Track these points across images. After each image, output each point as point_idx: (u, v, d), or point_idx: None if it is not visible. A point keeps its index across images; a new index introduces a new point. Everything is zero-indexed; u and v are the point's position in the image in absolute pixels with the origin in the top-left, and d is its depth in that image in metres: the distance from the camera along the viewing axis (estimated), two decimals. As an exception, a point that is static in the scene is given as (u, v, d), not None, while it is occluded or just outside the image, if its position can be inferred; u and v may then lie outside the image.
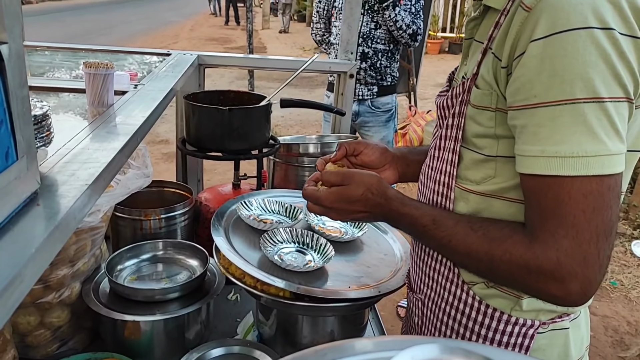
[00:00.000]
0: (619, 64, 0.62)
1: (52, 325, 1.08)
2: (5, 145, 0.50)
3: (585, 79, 0.62)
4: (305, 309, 1.03)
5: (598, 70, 0.61)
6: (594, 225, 0.64)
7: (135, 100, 1.09)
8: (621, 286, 3.24)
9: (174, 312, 1.10)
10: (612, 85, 0.62)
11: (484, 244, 0.73)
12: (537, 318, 0.81)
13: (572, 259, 0.65)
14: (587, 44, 0.61)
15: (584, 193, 0.63)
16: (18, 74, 0.52)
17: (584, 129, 0.62)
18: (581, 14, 0.62)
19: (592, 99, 0.62)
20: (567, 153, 0.63)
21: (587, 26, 0.61)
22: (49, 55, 1.66)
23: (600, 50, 0.61)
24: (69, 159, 0.70)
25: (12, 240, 0.48)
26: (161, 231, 1.38)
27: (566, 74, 0.62)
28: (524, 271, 0.69)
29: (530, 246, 0.68)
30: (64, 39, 11.39)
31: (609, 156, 0.63)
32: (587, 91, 0.62)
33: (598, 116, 0.62)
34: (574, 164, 0.63)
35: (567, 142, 0.63)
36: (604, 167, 0.63)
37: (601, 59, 0.61)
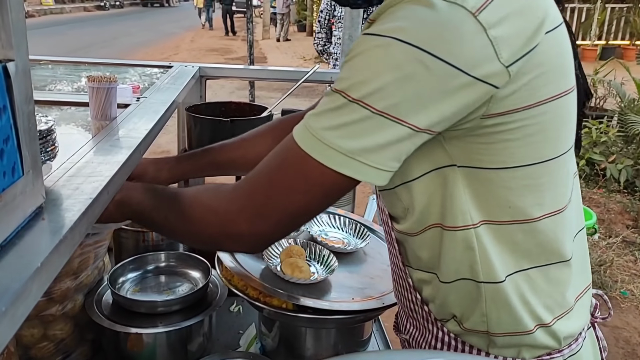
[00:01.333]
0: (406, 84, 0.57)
1: (55, 337, 1.08)
2: (12, 160, 0.50)
3: (362, 80, 0.59)
4: (308, 321, 1.03)
5: (378, 78, 0.58)
6: (296, 205, 0.65)
7: (138, 113, 1.09)
8: (632, 296, 3.20)
9: (176, 324, 1.10)
10: (383, 97, 0.58)
11: (193, 191, 0.76)
12: (520, 356, 0.74)
13: (255, 209, 0.66)
14: (385, 52, 0.58)
15: (303, 173, 0.63)
16: (24, 90, 0.53)
17: (337, 120, 0.60)
18: (399, 26, 0.58)
19: (357, 100, 0.59)
20: (313, 130, 0.61)
21: (397, 38, 0.58)
22: (52, 69, 1.67)
23: (394, 62, 0.58)
24: (74, 172, 0.71)
25: (18, 255, 0.48)
26: (163, 243, 1.38)
27: (355, 69, 0.60)
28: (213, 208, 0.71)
29: (232, 187, 0.70)
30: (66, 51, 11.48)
31: (340, 154, 0.59)
32: (357, 91, 0.59)
33: (354, 116, 0.59)
34: (309, 141, 0.61)
35: (319, 121, 0.61)
36: (328, 159, 0.60)
37: (389, 70, 0.58)
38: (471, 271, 0.71)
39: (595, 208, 4.09)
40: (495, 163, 0.65)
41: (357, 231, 1.30)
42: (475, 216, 0.68)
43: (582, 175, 4.57)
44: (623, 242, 3.75)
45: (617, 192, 4.43)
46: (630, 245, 3.73)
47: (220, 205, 0.70)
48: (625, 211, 4.18)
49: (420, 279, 0.79)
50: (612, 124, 5.18)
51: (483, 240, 0.69)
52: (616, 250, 3.64)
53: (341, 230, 1.31)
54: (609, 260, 3.45)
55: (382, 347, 1.28)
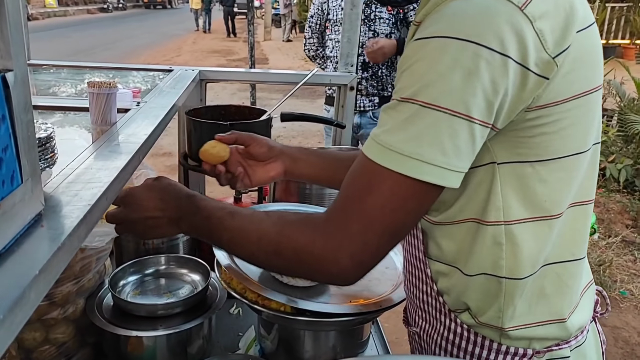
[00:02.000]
0: (469, 80, 0.59)
1: (57, 341, 1.09)
2: (11, 169, 0.52)
3: (428, 83, 0.60)
4: (307, 324, 1.04)
5: (444, 79, 0.60)
6: (388, 225, 0.65)
7: (138, 118, 1.11)
8: (631, 296, 3.20)
9: (176, 327, 1.11)
10: (453, 97, 0.60)
11: (277, 226, 0.72)
12: (530, 347, 0.77)
13: (353, 244, 0.65)
14: (444, 52, 0.60)
15: (391, 189, 0.62)
16: (23, 100, 0.54)
17: (412, 128, 0.61)
18: (451, 25, 0.61)
19: (428, 104, 0.60)
20: (388, 144, 0.62)
21: (451, 36, 0.60)
22: (53, 74, 1.68)
23: (454, 60, 0.59)
24: (73, 179, 0.72)
25: (17, 262, 0.49)
26: (163, 246, 1.39)
27: (417, 75, 0.62)
28: (306, 249, 0.68)
29: (321, 225, 0.68)
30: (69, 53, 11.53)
31: (421, 162, 0.60)
32: (425, 95, 0.60)
33: (428, 121, 0.60)
34: (388, 156, 0.62)
35: (392, 135, 0.62)
36: (411, 170, 0.61)
37: (452, 69, 0.59)
38: (495, 267, 0.73)
39: (595, 208, 4.06)
40: (532, 156, 0.68)
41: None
42: (509, 213, 0.71)
43: (583, 175, 4.57)
44: (622, 242, 3.75)
45: (617, 192, 4.42)
46: (629, 245, 3.73)
47: (316, 243, 0.67)
48: (624, 211, 4.17)
49: (439, 271, 0.81)
50: (612, 123, 5.17)
51: (512, 238, 0.71)
52: (615, 250, 3.64)
53: (340, 233, 1.32)
54: (608, 260, 3.45)
55: (380, 348, 1.28)
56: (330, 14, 2.95)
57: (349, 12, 1.80)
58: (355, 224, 0.65)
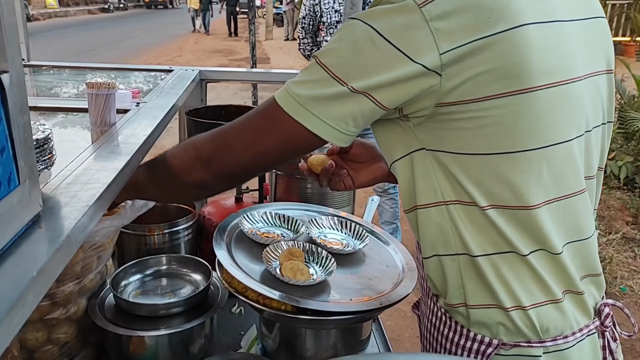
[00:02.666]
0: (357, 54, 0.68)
1: (59, 341, 1.09)
2: (8, 171, 0.52)
3: (327, 49, 0.71)
4: (308, 323, 1.04)
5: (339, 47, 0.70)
6: (255, 139, 0.77)
7: (137, 119, 1.11)
8: (631, 292, 3.20)
9: (177, 327, 1.12)
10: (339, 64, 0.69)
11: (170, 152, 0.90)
12: (496, 337, 0.77)
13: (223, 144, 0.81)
14: (349, 30, 0.70)
15: (270, 118, 0.75)
16: (19, 101, 0.54)
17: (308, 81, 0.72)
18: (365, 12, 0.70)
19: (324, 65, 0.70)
20: (289, 89, 0.73)
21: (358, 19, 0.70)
22: (54, 75, 1.69)
23: (352, 36, 0.69)
24: (71, 180, 0.72)
25: (15, 264, 0.49)
26: (165, 246, 1.40)
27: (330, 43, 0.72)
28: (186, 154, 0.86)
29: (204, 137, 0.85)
30: (70, 54, 11.55)
31: (300, 105, 0.71)
32: (324, 58, 0.71)
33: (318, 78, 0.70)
34: (283, 96, 0.73)
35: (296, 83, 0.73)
36: (292, 109, 0.72)
37: (347, 41, 0.70)
38: (445, 245, 0.77)
39: (595, 204, 4.09)
40: (453, 148, 0.72)
41: (355, 232, 1.31)
42: (445, 194, 0.75)
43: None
44: (623, 239, 3.74)
45: (617, 189, 4.41)
46: (630, 242, 3.72)
47: (195, 145, 0.85)
48: (625, 208, 4.17)
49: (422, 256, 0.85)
50: (612, 121, 5.16)
51: (454, 217, 0.75)
52: (616, 247, 3.63)
53: (340, 232, 1.32)
54: (608, 257, 3.45)
55: (381, 346, 1.29)
56: (323, 17, 2.99)
57: (349, 11, 1.80)
58: (229, 131, 0.82)
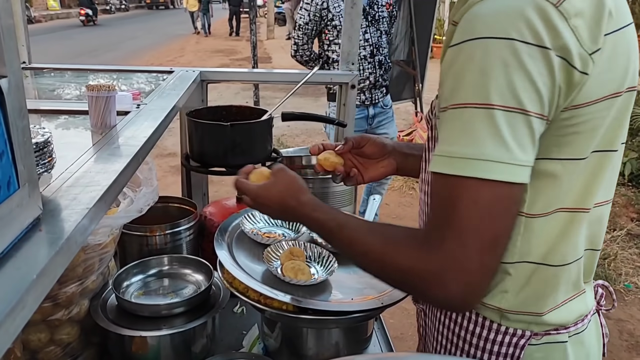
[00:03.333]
0: (515, 74, 0.62)
1: (62, 341, 1.10)
2: (7, 174, 0.52)
3: (480, 85, 0.62)
4: (309, 322, 1.04)
5: (494, 78, 0.62)
6: (481, 234, 0.64)
7: (137, 121, 1.11)
8: (636, 289, 3.20)
9: (180, 327, 1.12)
10: (504, 94, 0.62)
11: (379, 245, 0.74)
12: (528, 328, 0.80)
13: (455, 262, 0.64)
14: (489, 52, 0.62)
15: (474, 199, 0.63)
16: (18, 106, 0.54)
17: (470, 132, 0.63)
18: (487, 25, 0.63)
19: (482, 104, 0.62)
20: (452, 153, 0.64)
21: (491, 36, 0.62)
22: (55, 77, 1.69)
23: (499, 59, 0.62)
24: (71, 182, 0.73)
25: (15, 267, 0.50)
26: (167, 246, 1.40)
27: (466, 79, 0.63)
28: (411, 272, 0.69)
29: (420, 248, 0.68)
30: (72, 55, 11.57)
31: (488, 162, 0.62)
32: (479, 97, 0.62)
33: (485, 122, 0.62)
34: (457, 165, 0.63)
35: (455, 144, 0.64)
36: (483, 172, 0.62)
37: (499, 67, 0.62)
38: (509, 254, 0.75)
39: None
40: (564, 154, 0.69)
41: (357, 231, 1.31)
42: (528, 206, 0.72)
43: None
44: (627, 235, 3.73)
45: (622, 185, 4.39)
46: (634, 238, 3.71)
47: (417, 266, 0.68)
48: (630, 204, 4.15)
49: None
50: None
51: (530, 228, 0.73)
52: (620, 244, 3.62)
53: (342, 231, 1.32)
54: (613, 254, 3.44)
55: (383, 344, 1.29)
56: (334, 20, 3.05)
57: (350, 10, 1.80)
58: (450, 242, 0.65)
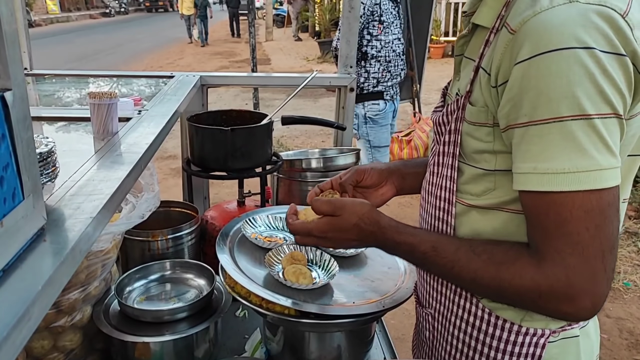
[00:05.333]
0: (603, 81, 0.63)
1: (65, 348, 1.10)
2: (12, 186, 0.53)
3: (571, 97, 0.63)
4: (311, 326, 1.05)
5: (583, 88, 0.63)
6: (598, 242, 0.66)
7: (139, 127, 1.12)
8: (635, 287, 3.20)
9: (182, 332, 1.13)
10: (598, 102, 0.63)
11: (491, 269, 0.74)
12: (547, 327, 0.81)
13: (581, 276, 0.66)
14: (570, 63, 0.63)
15: (586, 209, 0.65)
16: (22, 118, 0.55)
17: (573, 145, 0.64)
18: (562, 35, 0.63)
19: (579, 116, 0.63)
20: (559, 169, 0.64)
21: (568, 46, 0.63)
22: (56, 83, 1.70)
23: (584, 68, 0.63)
24: (75, 191, 0.73)
25: (20, 278, 0.50)
26: (169, 251, 1.41)
27: (552, 93, 0.64)
28: (534, 293, 0.70)
29: (539, 267, 0.69)
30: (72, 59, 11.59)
31: (601, 171, 0.64)
32: (573, 109, 0.63)
33: (587, 132, 0.64)
34: (567, 180, 0.64)
35: (557, 159, 0.65)
36: (597, 182, 0.64)
37: (585, 77, 0.63)
38: None
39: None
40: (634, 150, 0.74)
41: (358, 235, 1.31)
42: None
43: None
44: (625, 233, 3.73)
45: (620, 183, 4.40)
46: (632, 236, 3.71)
47: (541, 287, 0.69)
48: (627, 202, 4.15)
49: None
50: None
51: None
52: (619, 241, 3.62)
53: (342, 235, 1.33)
54: (612, 252, 3.44)
55: (385, 347, 1.29)
56: (383, 16, 3.18)
57: (348, 14, 1.81)
58: (571, 257, 0.66)
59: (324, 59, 11.56)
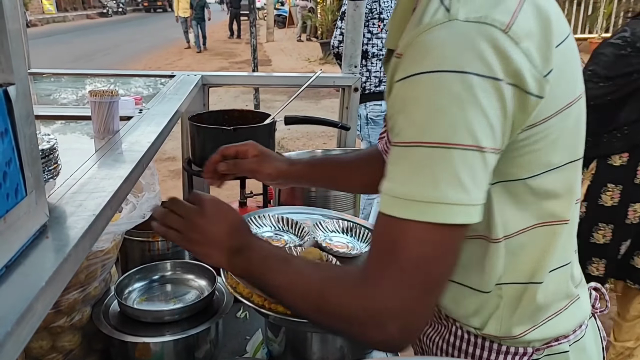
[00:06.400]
0: (470, 110, 0.58)
1: (64, 349, 1.09)
2: (15, 182, 0.52)
3: (433, 124, 0.59)
4: (314, 326, 1.04)
5: (446, 115, 0.58)
6: (423, 275, 0.61)
7: (140, 126, 1.11)
8: (636, 290, 3.18)
9: (183, 333, 1.12)
10: (460, 132, 0.58)
11: (318, 284, 0.69)
12: (530, 345, 0.78)
13: (395, 303, 0.62)
14: (438, 88, 0.58)
15: (420, 240, 0.60)
16: (25, 113, 0.54)
17: (427, 173, 0.59)
18: (434, 58, 0.59)
19: (438, 144, 0.58)
20: (406, 195, 0.60)
21: (439, 69, 0.58)
22: (54, 82, 1.69)
23: (451, 94, 0.58)
24: (77, 189, 0.72)
25: (23, 274, 0.50)
26: (169, 252, 1.40)
27: (416, 116, 0.60)
28: (349, 311, 0.65)
29: (360, 287, 0.64)
30: (69, 60, 11.57)
31: (448, 205, 0.58)
32: (433, 135, 0.58)
33: (443, 163, 0.58)
34: (410, 207, 0.59)
35: (407, 185, 0.60)
36: (440, 216, 0.59)
37: (452, 103, 0.58)
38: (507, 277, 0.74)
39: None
40: (526, 173, 0.68)
41: (361, 235, 1.31)
42: (508, 227, 0.71)
43: (589, 170, 4.53)
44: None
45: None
46: (639, 239, 3.68)
47: (355, 308, 0.65)
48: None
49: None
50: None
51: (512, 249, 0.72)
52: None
53: (345, 235, 1.32)
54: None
55: (388, 350, 1.28)
56: (383, 14, 3.12)
57: (352, 12, 1.80)
58: (390, 282, 0.62)
59: (325, 60, 11.56)
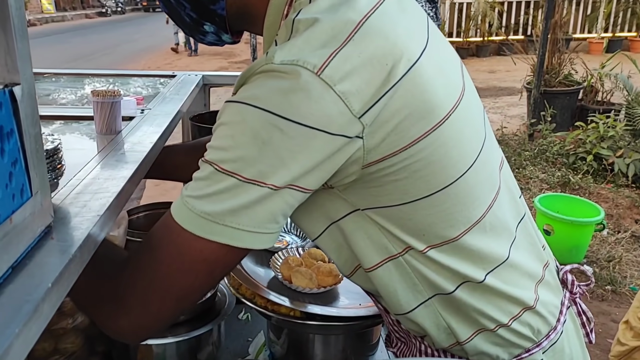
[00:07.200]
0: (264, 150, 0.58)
1: (66, 350, 1.09)
2: (20, 182, 0.51)
3: (229, 152, 0.59)
4: (317, 328, 1.04)
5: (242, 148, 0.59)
6: (169, 283, 0.62)
7: (143, 126, 1.10)
8: (642, 291, 3.19)
9: (185, 335, 1.11)
10: (252, 168, 0.58)
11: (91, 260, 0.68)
12: (498, 358, 0.75)
13: (135, 299, 0.62)
14: (234, 114, 0.60)
15: (179, 249, 0.61)
16: (30, 113, 0.53)
17: (203, 186, 0.60)
18: (250, 90, 0.60)
19: (233, 174, 0.59)
20: (186, 203, 0.60)
21: (247, 102, 0.59)
22: (55, 82, 1.68)
23: (251, 129, 0.58)
24: (80, 189, 0.72)
25: (29, 276, 0.49)
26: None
27: (220, 139, 0.61)
28: (104, 293, 0.65)
29: (119, 269, 0.65)
30: (68, 59, 11.55)
31: (220, 225, 0.59)
32: (229, 164, 0.59)
33: (237, 192, 0.59)
34: (188, 216, 0.60)
35: (190, 191, 0.61)
36: (207, 232, 0.59)
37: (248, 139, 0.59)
38: (415, 295, 0.73)
39: (604, 203, 4.06)
40: (393, 201, 0.66)
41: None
42: (397, 246, 0.70)
43: (590, 171, 4.54)
44: (632, 237, 3.71)
45: (626, 187, 4.38)
46: (639, 240, 3.69)
47: (100, 291, 0.66)
48: (634, 206, 4.14)
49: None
50: (620, 118, 5.12)
51: (413, 264, 0.71)
52: (625, 246, 3.60)
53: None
54: (617, 256, 3.42)
55: (390, 351, 1.28)
56: None
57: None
58: (138, 275, 0.63)
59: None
